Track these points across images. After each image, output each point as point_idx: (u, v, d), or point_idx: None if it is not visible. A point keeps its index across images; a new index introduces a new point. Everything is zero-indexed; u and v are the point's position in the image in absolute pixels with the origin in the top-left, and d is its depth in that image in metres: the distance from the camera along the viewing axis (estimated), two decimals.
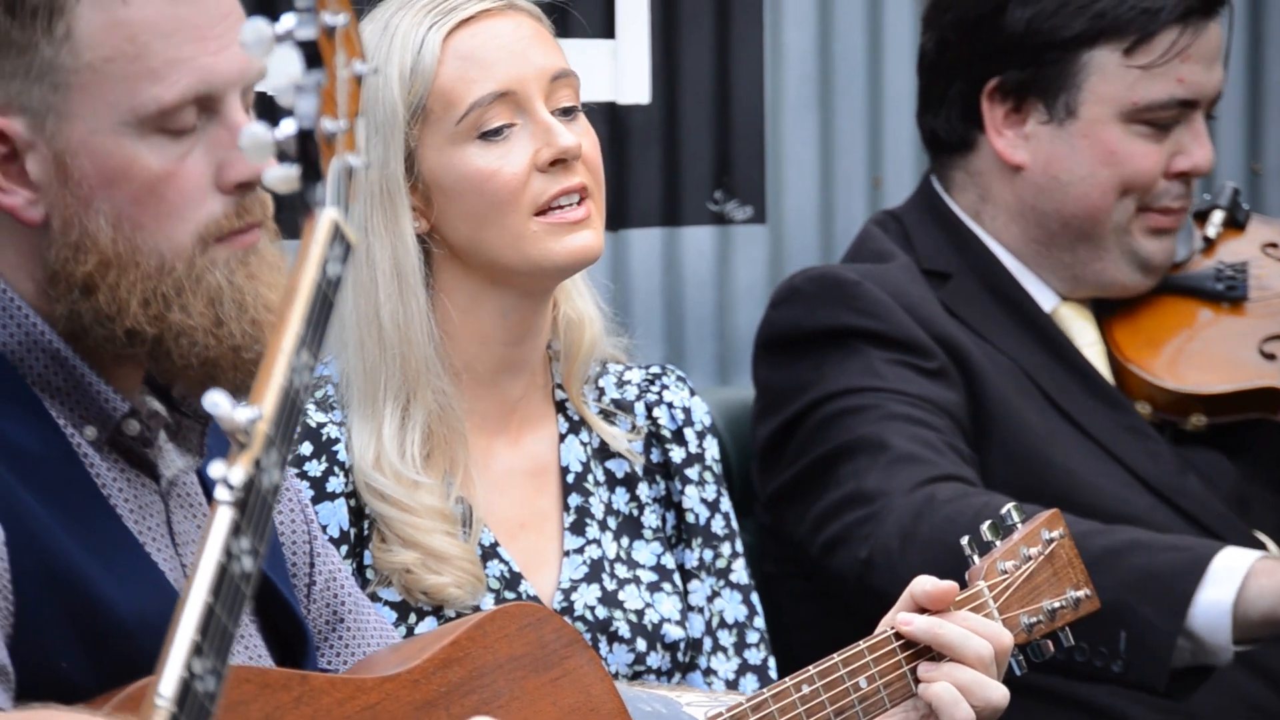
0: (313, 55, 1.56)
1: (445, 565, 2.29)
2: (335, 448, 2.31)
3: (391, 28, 2.31)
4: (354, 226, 2.25)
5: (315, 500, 2.30)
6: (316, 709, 1.76)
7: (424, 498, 2.29)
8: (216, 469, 1.47)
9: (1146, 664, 2.50)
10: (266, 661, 1.87)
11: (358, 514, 2.31)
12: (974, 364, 2.76)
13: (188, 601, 1.44)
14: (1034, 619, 2.18)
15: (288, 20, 1.56)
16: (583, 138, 2.32)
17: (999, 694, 2.07)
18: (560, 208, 2.31)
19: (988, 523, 2.20)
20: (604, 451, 2.43)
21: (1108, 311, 2.93)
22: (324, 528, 2.29)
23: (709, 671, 2.43)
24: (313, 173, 1.56)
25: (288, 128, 1.55)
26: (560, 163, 2.30)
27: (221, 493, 1.47)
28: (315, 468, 2.30)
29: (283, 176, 1.56)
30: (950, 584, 2.10)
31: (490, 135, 2.29)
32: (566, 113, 2.33)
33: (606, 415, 2.44)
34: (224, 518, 1.47)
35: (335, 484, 2.31)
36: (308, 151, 1.55)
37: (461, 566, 2.29)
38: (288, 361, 1.51)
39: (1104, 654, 2.50)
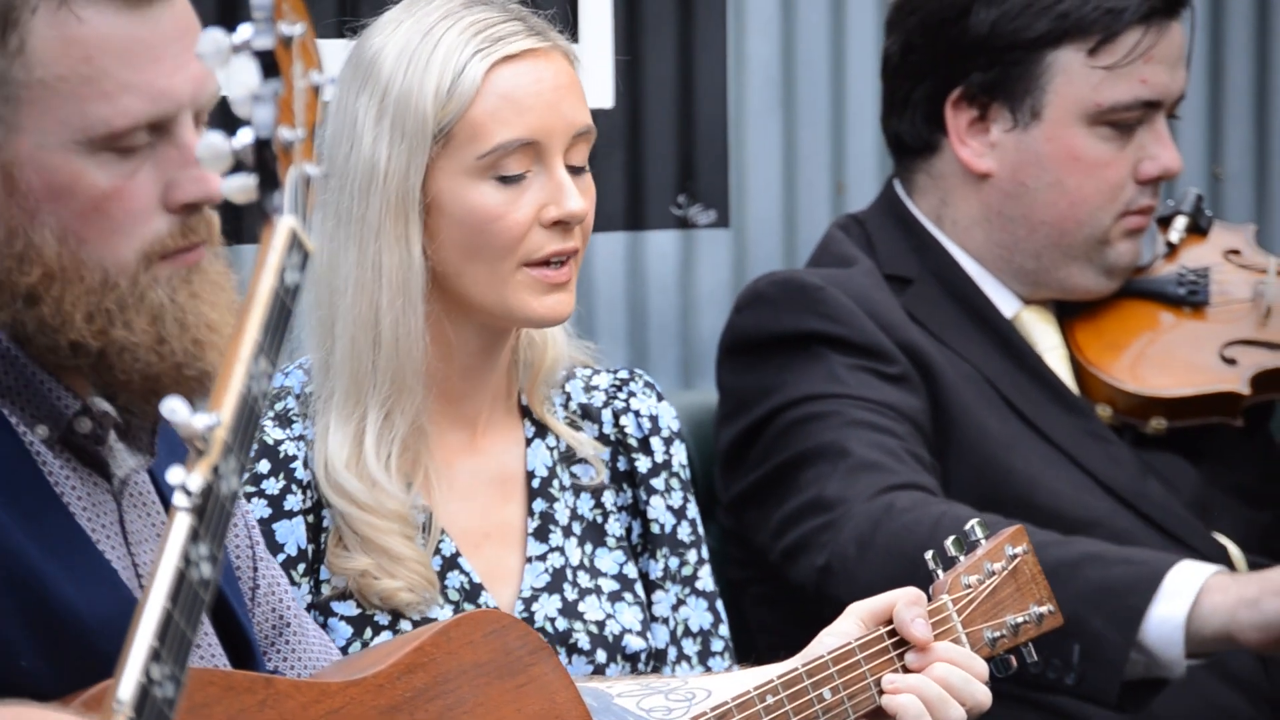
0: (270, 65, 1.56)
1: (398, 568, 2.28)
2: (293, 465, 2.30)
3: (434, 38, 2.30)
4: (322, 233, 2.27)
5: (272, 519, 2.29)
6: (280, 712, 1.76)
7: (387, 501, 2.28)
8: (175, 475, 1.47)
9: (1098, 677, 2.50)
10: (223, 665, 1.86)
11: (315, 530, 2.31)
12: (936, 369, 2.77)
13: (146, 607, 1.44)
14: (997, 633, 2.19)
15: (245, 30, 1.56)
16: (586, 198, 2.33)
17: (959, 712, 2.08)
18: (549, 264, 2.31)
19: (951, 538, 2.21)
20: (570, 456, 2.43)
21: (1070, 314, 2.94)
22: (281, 547, 2.28)
23: None
24: (270, 181, 1.57)
25: (245, 137, 1.56)
26: (562, 224, 2.30)
27: (180, 499, 1.47)
28: (273, 485, 2.29)
29: (240, 186, 1.56)
30: (916, 591, 2.10)
31: (507, 180, 2.29)
32: (576, 170, 2.33)
33: (572, 422, 2.43)
34: (182, 524, 1.47)
35: (293, 502, 2.30)
36: (265, 160, 1.56)
37: (414, 569, 2.28)
38: (246, 369, 1.52)
39: (1057, 666, 2.51)
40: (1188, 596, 2.50)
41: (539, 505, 2.39)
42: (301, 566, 2.29)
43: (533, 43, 2.32)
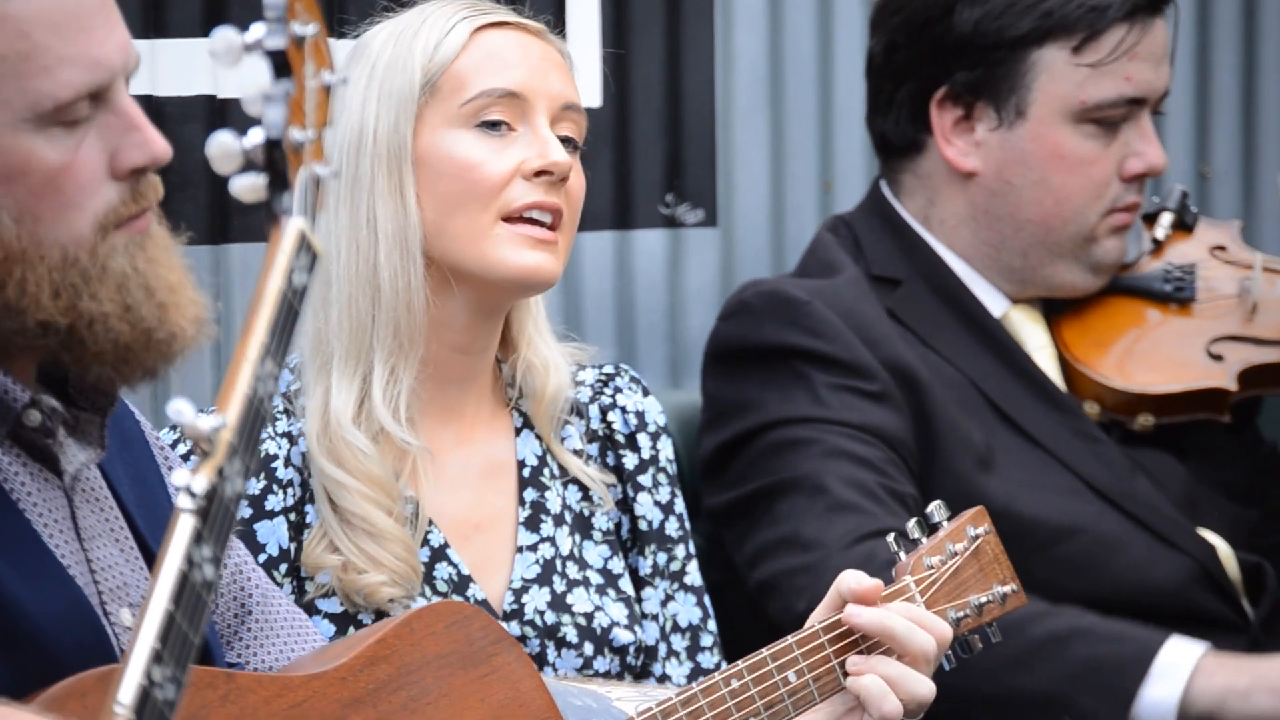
0: (281, 65, 1.57)
1: (381, 551, 2.27)
2: (274, 464, 2.30)
3: (426, 13, 2.35)
4: (340, 210, 2.27)
5: (253, 519, 2.29)
6: (242, 707, 1.76)
7: (374, 469, 2.28)
8: (180, 477, 1.47)
9: None
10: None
11: (297, 529, 2.30)
12: (921, 382, 2.76)
13: (148, 608, 1.44)
14: (961, 614, 2.19)
15: (257, 30, 1.57)
16: (576, 175, 2.34)
17: (926, 688, 2.08)
18: (531, 221, 2.31)
19: (913, 520, 2.21)
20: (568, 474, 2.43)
21: (1056, 311, 2.93)
22: (262, 547, 2.28)
23: (664, 677, 2.43)
24: (280, 182, 1.57)
25: (255, 137, 1.56)
26: (545, 176, 2.31)
27: (184, 501, 1.47)
28: (254, 486, 2.30)
29: (249, 185, 1.57)
30: (876, 583, 2.10)
31: (488, 126, 2.31)
32: (566, 142, 2.35)
33: (578, 453, 2.43)
34: (186, 525, 1.47)
35: (274, 502, 2.30)
36: (275, 161, 1.57)
37: (395, 551, 2.27)
38: (252, 370, 1.52)
39: None
40: (1180, 678, 2.54)
41: (530, 494, 2.39)
42: (284, 567, 2.29)
43: (524, 21, 2.36)
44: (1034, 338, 2.90)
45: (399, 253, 2.29)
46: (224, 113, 2.87)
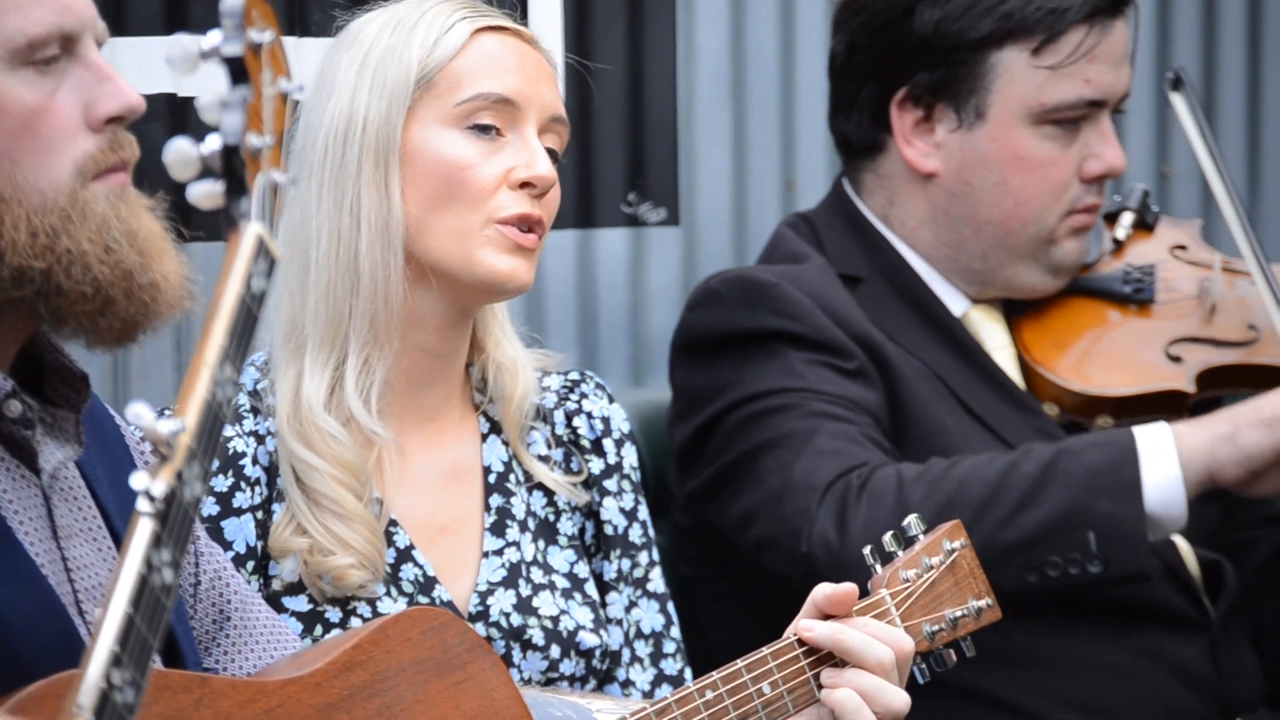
0: (239, 71, 1.58)
1: (348, 532, 2.27)
2: (242, 462, 2.30)
3: (424, 8, 2.35)
4: (313, 201, 2.27)
5: (221, 516, 2.29)
6: (217, 711, 1.76)
7: (344, 453, 2.28)
8: (139, 480, 1.47)
9: (1124, 554, 2.58)
10: (159, 666, 1.86)
11: (264, 527, 2.30)
12: (891, 364, 2.77)
13: (108, 612, 1.44)
14: (936, 627, 2.19)
15: (213, 36, 1.58)
16: (554, 187, 2.35)
17: (900, 700, 2.08)
18: (515, 226, 2.32)
19: (890, 533, 2.21)
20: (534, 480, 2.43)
21: (1017, 312, 2.94)
22: (229, 544, 2.28)
23: (627, 683, 2.43)
24: (238, 188, 1.58)
25: (213, 143, 1.57)
26: (529, 188, 2.31)
27: (143, 504, 1.47)
28: (221, 483, 2.29)
29: (207, 192, 1.58)
30: (850, 586, 2.11)
31: (479, 129, 2.31)
32: (549, 154, 2.36)
33: (544, 459, 2.43)
34: (145, 529, 1.47)
35: (241, 499, 2.30)
36: (233, 167, 1.58)
37: (361, 534, 2.27)
38: (211, 374, 1.53)
39: (1078, 559, 2.57)
40: (1170, 452, 2.58)
41: (496, 500, 2.39)
42: (251, 564, 2.29)
43: (518, 27, 2.37)
44: (994, 337, 2.91)
45: (381, 244, 2.29)
46: (184, 111, 2.86)
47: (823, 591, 2.10)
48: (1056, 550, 2.54)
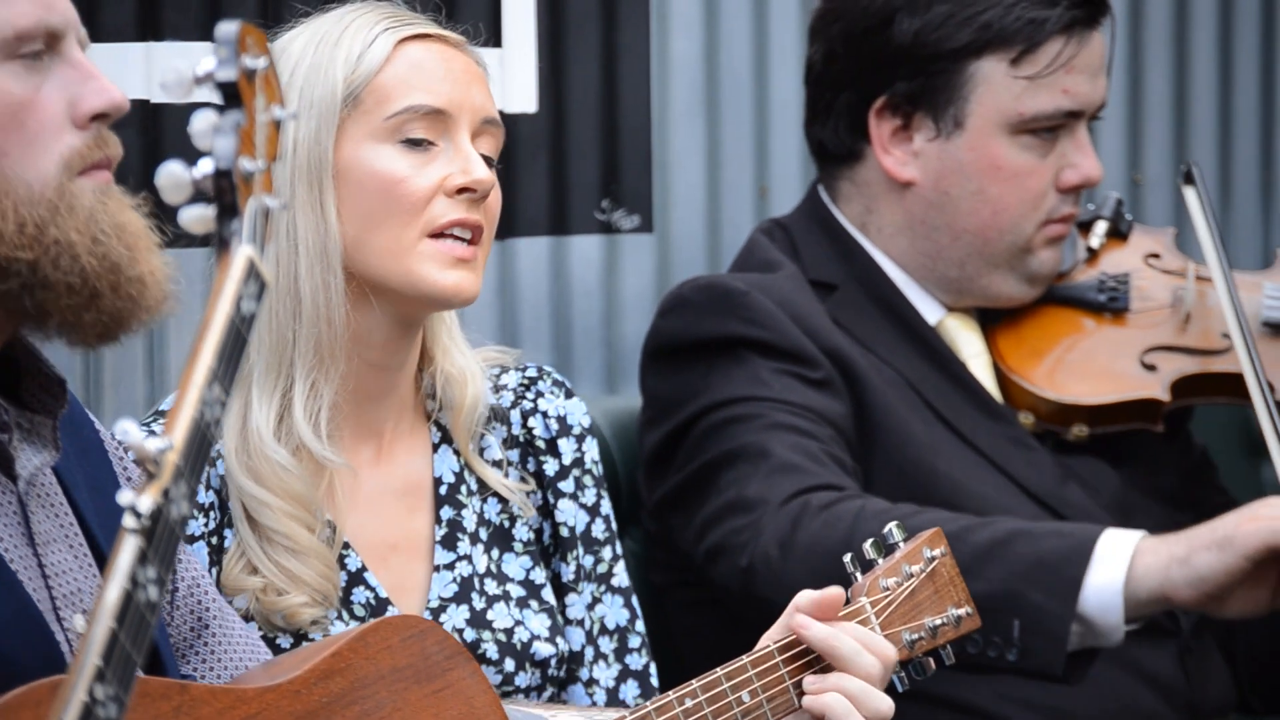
0: (232, 96, 1.60)
1: (302, 567, 2.26)
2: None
3: (346, 21, 2.33)
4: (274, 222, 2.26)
5: None
6: (196, 718, 1.75)
7: (295, 485, 2.27)
8: (125, 497, 1.48)
9: (1042, 650, 2.53)
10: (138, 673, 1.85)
11: (218, 553, 2.29)
12: (860, 374, 2.77)
13: (92, 628, 1.44)
14: (915, 635, 2.19)
15: (208, 62, 1.60)
16: (494, 191, 2.33)
17: (886, 704, 2.09)
18: (453, 237, 2.30)
19: (870, 540, 2.21)
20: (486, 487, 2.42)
21: (992, 321, 2.95)
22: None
23: (591, 681, 2.42)
24: (229, 211, 1.59)
25: (205, 167, 1.59)
26: (467, 193, 2.30)
27: (129, 521, 1.48)
28: None
29: (198, 217, 1.59)
30: (836, 591, 2.11)
31: (412, 144, 2.30)
32: (485, 160, 2.34)
33: (497, 464, 2.42)
34: (131, 545, 1.48)
35: (195, 526, 2.28)
36: (224, 191, 1.59)
37: (315, 568, 2.26)
38: (199, 394, 1.54)
39: (998, 644, 2.53)
40: (1122, 561, 2.53)
41: (446, 513, 2.38)
42: None
43: (445, 33, 2.35)
44: (969, 345, 2.92)
45: (320, 266, 2.28)
46: (158, 118, 2.85)
47: (807, 596, 2.10)
48: (980, 628, 2.54)
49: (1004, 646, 2.53)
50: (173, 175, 1.57)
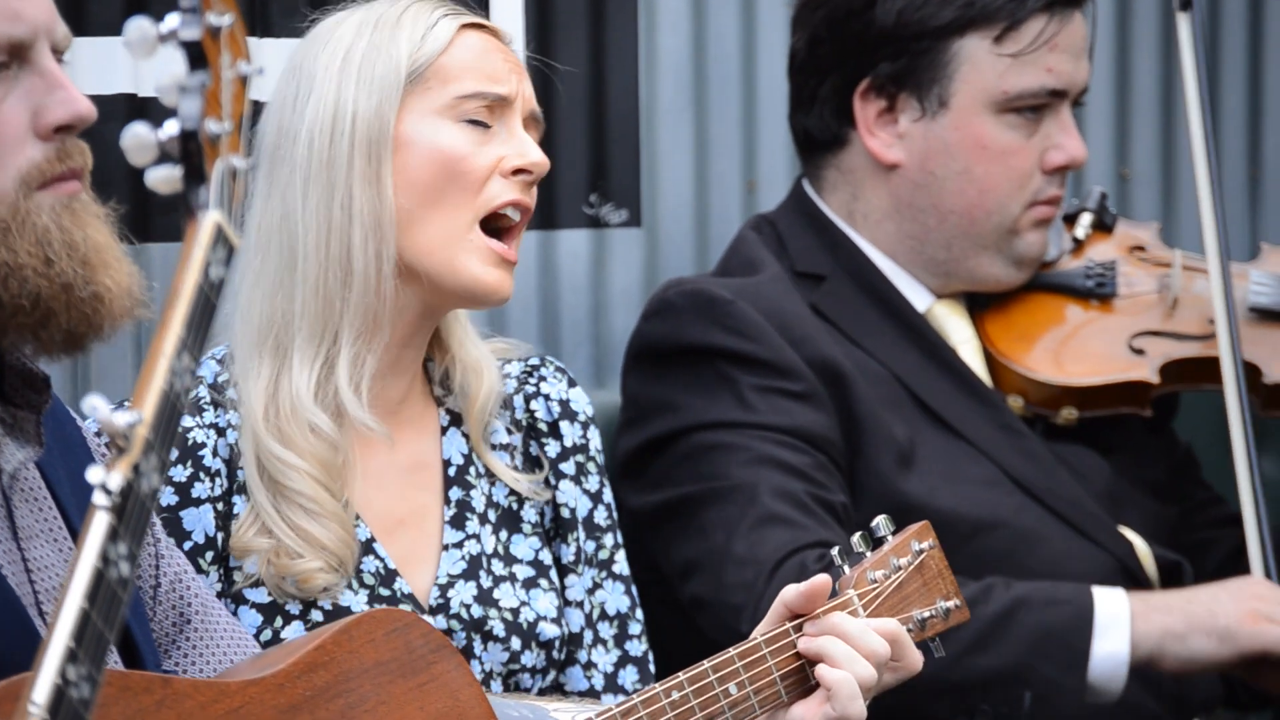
0: (197, 56, 1.57)
1: (322, 527, 2.26)
2: (201, 452, 2.29)
3: (401, 5, 2.37)
4: (268, 191, 2.26)
5: (180, 506, 2.28)
6: (179, 712, 1.74)
7: (324, 451, 2.28)
8: (95, 474, 1.46)
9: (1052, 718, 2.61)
10: (119, 666, 1.84)
11: (225, 519, 2.29)
12: (846, 378, 2.77)
13: (63, 607, 1.42)
14: (904, 628, 2.18)
15: (171, 20, 1.57)
16: (546, 171, 2.38)
17: (882, 645, 2.10)
18: (501, 227, 2.33)
19: (858, 534, 2.21)
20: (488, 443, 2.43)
21: (980, 307, 2.95)
22: (188, 534, 2.27)
23: (589, 665, 2.43)
24: (196, 175, 1.56)
25: (171, 128, 1.56)
26: (522, 175, 2.35)
27: (99, 498, 1.46)
28: (180, 473, 2.28)
29: (165, 177, 1.56)
30: (823, 579, 2.10)
31: (474, 124, 2.34)
32: None
33: (504, 448, 2.43)
34: (101, 523, 1.46)
35: (201, 489, 2.29)
36: (191, 153, 1.56)
37: (335, 531, 2.27)
38: (168, 364, 1.51)
39: (1007, 714, 2.59)
40: (1123, 629, 2.61)
41: (455, 493, 2.39)
42: (210, 554, 2.28)
43: (494, 26, 2.42)
44: (958, 332, 2.92)
45: (375, 238, 2.30)
46: (144, 111, 2.84)
47: (795, 590, 2.10)
48: (991, 700, 2.56)
49: (1012, 716, 2.59)
50: (138, 136, 1.54)
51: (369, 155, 2.31)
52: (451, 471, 2.40)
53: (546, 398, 2.46)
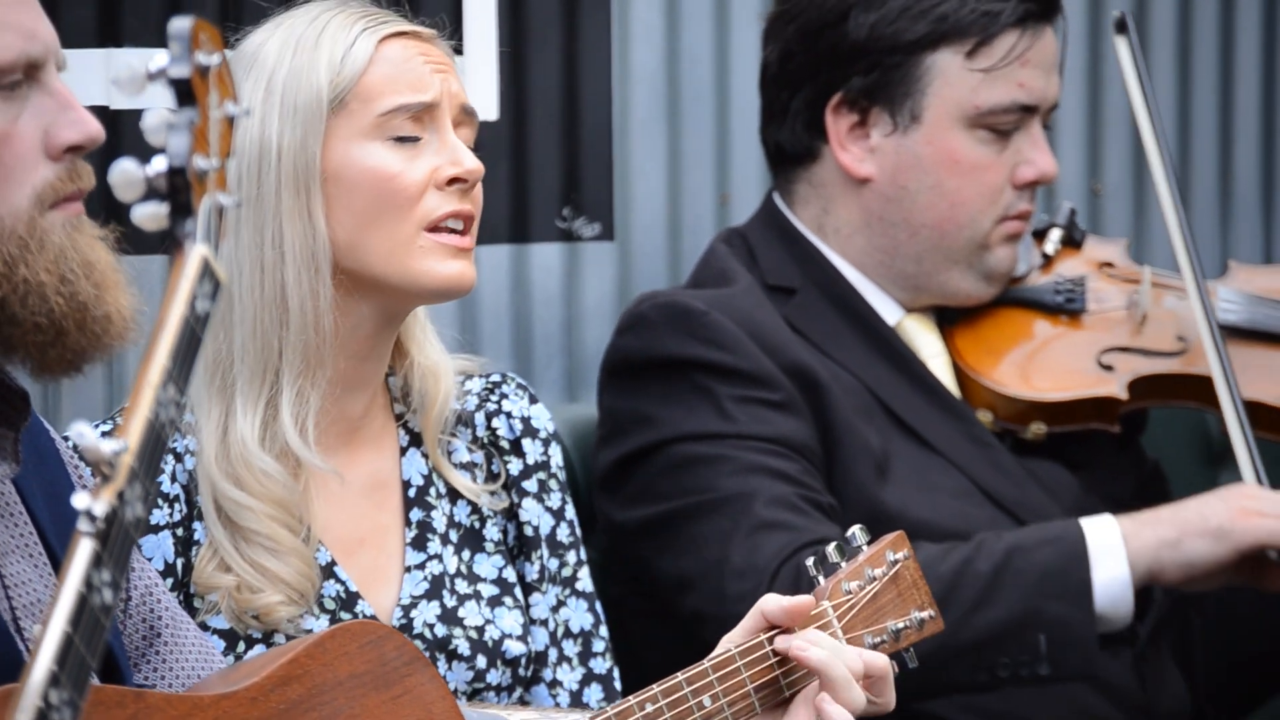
0: (185, 94, 1.59)
1: (282, 563, 2.25)
2: (159, 478, 2.28)
3: (321, 22, 2.33)
4: (244, 234, 2.26)
5: None
6: None
7: (278, 491, 2.27)
8: (80, 500, 1.47)
9: (1073, 658, 2.62)
10: (93, 680, 1.84)
11: (185, 544, 2.29)
12: (821, 384, 2.78)
13: (46, 632, 1.44)
14: (878, 639, 2.19)
15: (160, 58, 1.59)
16: (481, 176, 2.35)
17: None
18: (449, 230, 2.31)
19: (833, 544, 2.21)
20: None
21: (949, 322, 2.96)
22: (148, 560, 2.26)
23: (554, 683, 2.42)
24: (183, 210, 1.59)
25: (159, 164, 1.58)
26: (458, 184, 2.31)
27: (84, 524, 1.47)
28: None
29: (151, 214, 1.58)
30: (806, 599, 2.11)
31: (400, 140, 2.31)
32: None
33: (465, 466, 2.42)
34: (85, 549, 1.47)
35: (159, 516, 2.28)
36: (178, 188, 1.58)
37: (296, 566, 2.26)
38: (154, 395, 1.53)
39: (1026, 661, 2.60)
40: (1119, 553, 2.62)
41: (416, 514, 2.38)
42: (169, 581, 2.27)
43: (418, 28, 2.37)
44: (928, 345, 2.93)
45: (308, 274, 2.27)
46: (117, 124, 2.84)
47: (777, 603, 2.10)
48: (1007, 652, 2.57)
49: (1033, 662, 2.60)
50: (126, 173, 1.56)
51: (296, 189, 2.28)
52: (411, 493, 2.38)
53: (508, 415, 2.44)
